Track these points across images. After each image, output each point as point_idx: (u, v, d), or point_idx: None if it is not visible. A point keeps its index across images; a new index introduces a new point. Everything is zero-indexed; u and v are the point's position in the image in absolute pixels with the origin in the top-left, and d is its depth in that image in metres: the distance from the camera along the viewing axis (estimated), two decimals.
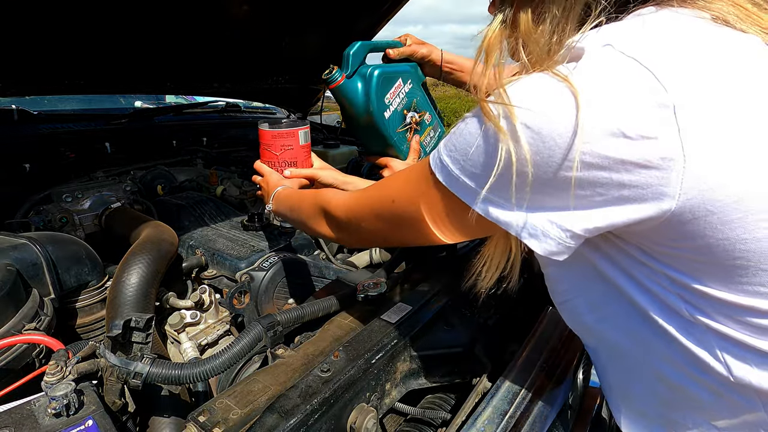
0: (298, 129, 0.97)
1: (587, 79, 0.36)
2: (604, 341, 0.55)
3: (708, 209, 0.35)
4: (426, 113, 1.17)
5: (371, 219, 0.61)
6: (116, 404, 0.62)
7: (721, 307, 0.40)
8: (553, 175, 0.38)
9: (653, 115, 0.34)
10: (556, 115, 0.36)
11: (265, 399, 0.61)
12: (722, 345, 0.42)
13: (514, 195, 0.41)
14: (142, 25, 1.42)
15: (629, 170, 0.35)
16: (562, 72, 0.38)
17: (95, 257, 0.93)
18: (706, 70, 0.36)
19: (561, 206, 0.40)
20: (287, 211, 0.86)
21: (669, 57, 0.36)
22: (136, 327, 0.61)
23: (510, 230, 0.43)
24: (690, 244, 0.38)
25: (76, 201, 1.21)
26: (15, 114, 1.58)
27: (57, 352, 0.59)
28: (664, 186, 0.35)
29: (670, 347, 0.45)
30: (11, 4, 1.11)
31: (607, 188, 0.37)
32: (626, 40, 0.37)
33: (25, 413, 0.51)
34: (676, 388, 0.48)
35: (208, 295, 1.04)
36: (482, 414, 0.67)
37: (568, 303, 0.56)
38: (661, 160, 0.34)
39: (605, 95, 0.35)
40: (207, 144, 1.95)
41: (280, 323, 0.75)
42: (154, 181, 1.50)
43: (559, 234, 0.40)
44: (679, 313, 0.43)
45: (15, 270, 0.76)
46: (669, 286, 0.42)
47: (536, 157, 0.38)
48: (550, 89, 0.38)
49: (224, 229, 1.22)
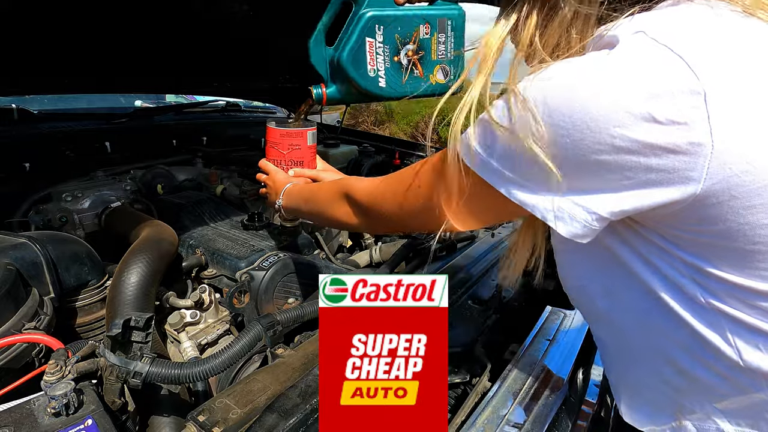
0: (308, 129, 0.98)
1: (619, 64, 0.37)
2: (615, 328, 0.56)
3: (732, 194, 0.36)
4: (419, 30, 0.94)
5: (394, 203, 0.62)
6: (116, 403, 0.62)
7: (735, 291, 0.41)
8: (582, 159, 0.39)
9: (684, 102, 0.35)
10: (587, 99, 0.37)
11: (265, 398, 0.61)
12: (734, 329, 0.43)
13: (541, 178, 0.42)
14: (142, 25, 1.41)
15: (658, 155, 0.36)
16: (593, 57, 0.39)
17: (95, 256, 0.93)
18: (736, 60, 0.37)
19: (588, 189, 0.40)
20: (300, 203, 0.86)
21: (700, 46, 0.37)
22: (136, 326, 0.61)
23: (536, 213, 0.43)
24: (711, 229, 0.39)
25: (76, 200, 1.21)
26: (15, 113, 1.58)
27: (57, 352, 0.59)
28: (691, 170, 0.36)
29: (682, 332, 0.46)
30: (11, 3, 1.11)
31: (635, 172, 0.38)
32: (658, 28, 0.38)
33: (24, 412, 0.51)
34: (684, 373, 0.49)
35: (207, 295, 1.04)
36: (482, 414, 0.67)
37: (583, 289, 0.56)
38: (689, 146, 0.35)
39: (637, 80, 0.36)
40: (207, 143, 1.95)
41: (279, 323, 0.75)
42: (154, 180, 1.50)
43: (586, 216, 0.41)
44: (693, 298, 0.44)
45: (15, 269, 0.76)
46: (684, 270, 0.43)
47: (566, 140, 0.38)
48: (580, 73, 0.38)
49: (224, 229, 1.22)
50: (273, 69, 2.01)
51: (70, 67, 1.47)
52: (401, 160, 1.96)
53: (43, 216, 1.13)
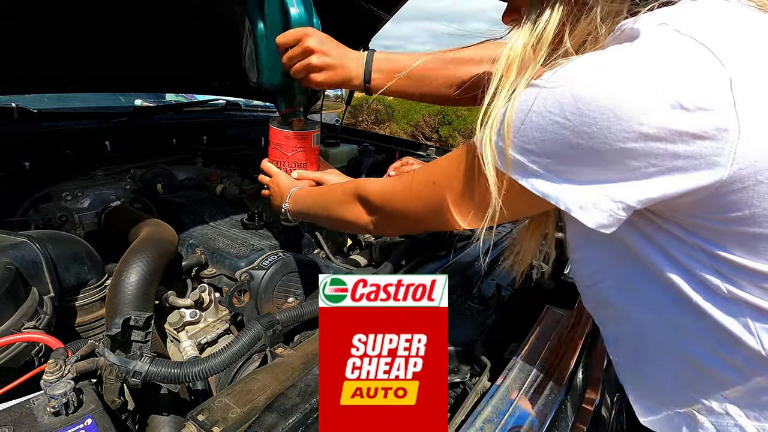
0: (312, 132, 0.97)
1: (645, 53, 0.38)
2: (631, 324, 0.56)
3: (758, 179, 0.37)
4: None
5: (408, 201, 0.62)
6: (115, 403, 0.62)
7: (756, 278, 0.41)
8: (608, 147, 0.39)
9: (710, 88, 0.35)
10: (614, 88, 0.38)
11: (265, 398, 0.61)
12: (757, 317, 0.43)
13: (565, 168, 0.42)
14: (142, 24, 1.41)
15: (685, 141, 0.36)
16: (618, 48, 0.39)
17: (95, 256, 0.93)
18: (758, 50, 0.38)
19: (614, 178, 0.41)
20: (308, 206, 0.85)
21: (723, 36, 0.37)
22: (136, 325, 0.61)
23: (559, 204, 0.43)
24: (733, 216, 0.39)
25: (75, 199, 1.21)
26: (15, 112, 1.58)
27: (56, 351, 0.59)
28: (718, 156, 0.36)
29: (701, 324, 0.46)
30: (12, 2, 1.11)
31: (661, 159, 0.38)
32: (681, 20, 0.39)
33: (24, 412, 0.51)
34: (700, 367, 0.49)
35: (207, 294, 1.04)
36: (481, 413, 0.67)
37: (598, 285, 0.56)
38: (716, 131, 0.36)
39: (664, 68, 0.37)
40: (207, 142, 1.94)
41: (279, 322, 0.75)
42: (154, 179, 1.50)
43: (611, 206, 0.41)
44: (715, 289, 0.44)
45: (14, 268, 0.76)
46: (705, 260, 0.43)
47: (592, 129, 0.39)
48: (606, 63, 0.39)
49: (224, 228, 1.22)
50: None
51: (70, 67, 1.47)
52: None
53: (43, 215, 1.13)
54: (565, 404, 0.76)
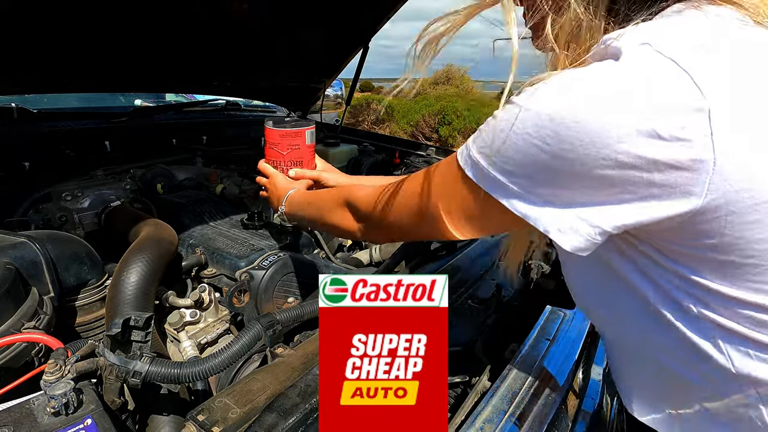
0: (306, 129, 0.97)
1: (624, 79, 0.37)
2: (614, 333, 0.58)
3: (730, 209, 0.37)
4: None
5: (395, 212, 0.62)
6: (115, 403, 0.62)
7: (727, 302, 0.42)
8: (586, 173, 0.39)
9: (688, 118, 0.35)
10: (592, 115, 0.37)
11: (265, 398, 0.61)
12: (726, 338, 0.44)
13: (544, 191, 0.42)
14: (142, 23, 1.41)
15: (661, 170, 0.36)
16: (598, 69, 0.39)
17: (95, 256, 0.93)
18: (741, 74, 0.37)
19: (591, 202, 0.41)
20: (302, 210, 0.86)
21: (706, 59, 0.37)
22: (136, 326, 0.61)
23: (538, 226, 0.43)
24: (706, 243, 0.39)
25: (75, 199, 1.21)
26: (14, 112, 1.58)
27: (56, 351, 0.59)
28: (692, 186, 0.36)
29: (674, 340, 0.47)
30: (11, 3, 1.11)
31: (637, 186, 0.38)
32: (664, 39, 0.38)
33: (24, 412, 0.51)
34: (678, 377, 0.50)
35: (207, 294, 1.04)
36: (481, 413, 0.67)
37: (583, 297, 0.58)
38: (692, 162, 0.36)
39: (642, 96, 0.36)
40: (207, 142, 1.94)
41: (279, 322, 0.75)
42: (153, 179, 1.50)
43: (588, 230, 0.41)
44: (687, 310, 0.44)
45: (14, 268, 0.76)
46: (678, 282, 0.43)
47: (570, 155, 0.39)
48: (586, 87, 0.39)
49: (224, 228, 1.22)
50: (272, 67, 2.01)
51: (69, 66, 1.47)
52: (401, 159, 1.96)
53: (43, 215, 1.13)
54: (565, 404, 0.76)
